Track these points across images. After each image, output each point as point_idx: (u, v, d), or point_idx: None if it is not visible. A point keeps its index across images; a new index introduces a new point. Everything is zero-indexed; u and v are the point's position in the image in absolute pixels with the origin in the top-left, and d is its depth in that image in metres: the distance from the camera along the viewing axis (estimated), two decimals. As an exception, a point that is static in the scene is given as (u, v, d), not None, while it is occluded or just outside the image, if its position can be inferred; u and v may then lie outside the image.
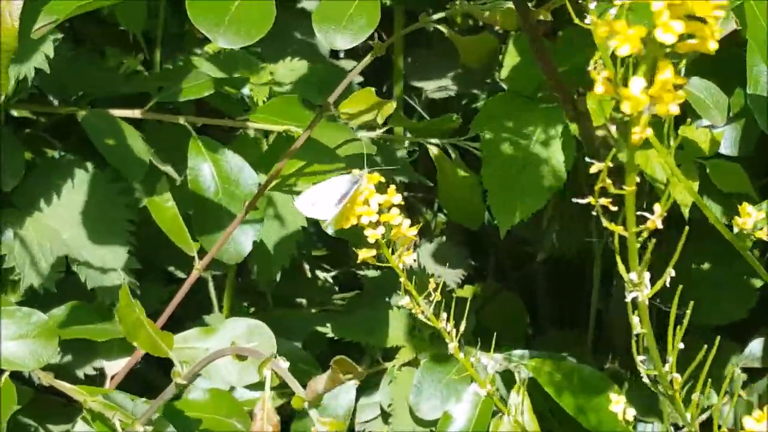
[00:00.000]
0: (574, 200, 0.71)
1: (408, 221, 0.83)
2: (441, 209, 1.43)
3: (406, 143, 1.33)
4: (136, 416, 0.90)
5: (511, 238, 1.36)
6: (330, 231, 0.94)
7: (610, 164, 0.66)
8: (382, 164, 1.14)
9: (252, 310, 1.30)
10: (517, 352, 1.11)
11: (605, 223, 0.69)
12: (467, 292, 1.36)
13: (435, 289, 0.84)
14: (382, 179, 0.84)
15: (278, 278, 1.16)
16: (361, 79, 1.25)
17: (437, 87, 1.37)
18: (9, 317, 0.96)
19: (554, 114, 1.07)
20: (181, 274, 1.25)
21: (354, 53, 1.50)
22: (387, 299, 1.23)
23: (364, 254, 0.83)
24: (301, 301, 1.34)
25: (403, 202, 0.82)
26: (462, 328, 0.87)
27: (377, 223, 0.82)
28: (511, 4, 0.97)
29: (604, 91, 0.61)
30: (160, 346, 0.90)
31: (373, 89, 1.02)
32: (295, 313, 1.28)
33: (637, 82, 0.59)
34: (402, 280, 0.84)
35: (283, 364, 0.79)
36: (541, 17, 0.93)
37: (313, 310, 1.28)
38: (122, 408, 0.92)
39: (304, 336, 1.21)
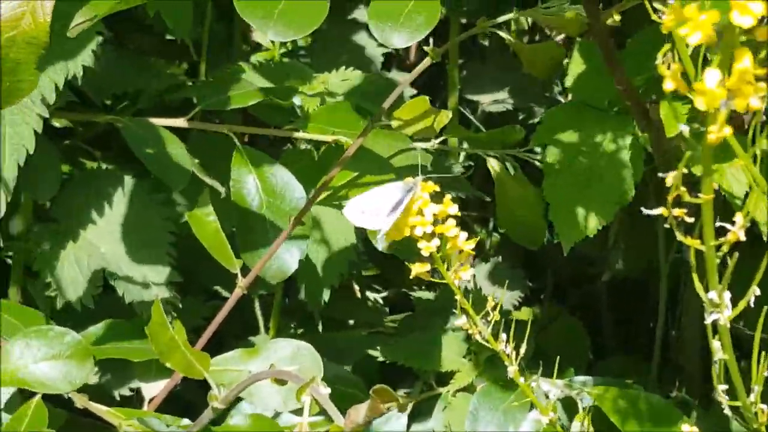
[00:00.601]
0: (644, 211, 0.65)
1: (465, 234, 0.77)
2: (496, 228, 1.39)
3: (462, 157, 1.28)
4: (172, 442, 0.85)
5: (571, 257, 1.32)
6: (380, 244, 0.89)
7: (684, 170, 0.60)
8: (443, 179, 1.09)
9: (300, 331, 1.25)
10: (580, 378, 1.05)
11: (680, 237, 0.62)
12: (525, 314, 1.32)
13: (494, 309, 0.78)
14: (437, 188, 0.78)
15: (327, 299, 1.11)
16: (413, 92, 1.20)
17: (493, 100, 1.34)
18: (41, 337, 0.92)
19: (623, 124, 1.02)
20: (226, 293, 1.21)
21: (406, 67, 1.47)
22: (441, 321, 1.18)
23: (417, 269, 0.78)
24: (351, 322, 1.29)
25: (459, 213, 0.76)
26: (522, 350, 0.81)
27: (432, 235, 0.77)
28: (575, 9, 0.92)
29: (675, 87, 0.55)
30: (196, 367, 0.85)
31: (427, 98, 0.97)
32: (344, 335, 1.24)
33: (711, 75, 0.52)
34: (458, 298, 0.79)
35: (324, 390, 0.73)
36: (611, 19, 0.87)
37: (364, 333, 1.24)
38: (158, 433, 0.86)
39: (354, 359, 1.18)
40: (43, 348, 0.92)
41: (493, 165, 1.06)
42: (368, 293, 1.35)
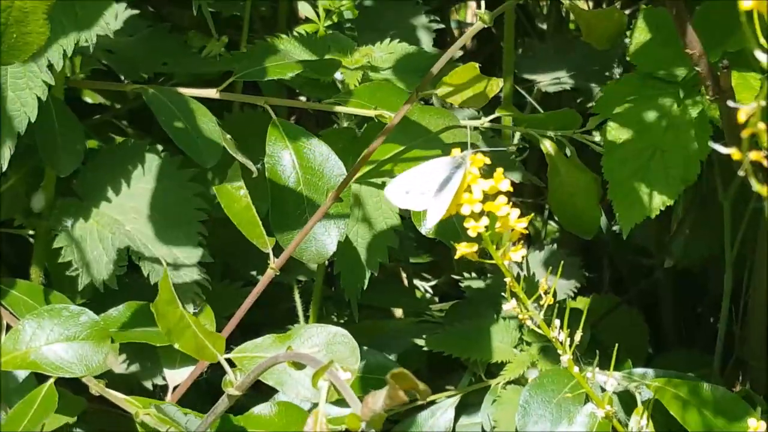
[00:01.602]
0: (711, 146, 0.56)
1: (517, 211, 0.71)
2: (552, 216, 1.33)
3: (516, 138, 1.22)
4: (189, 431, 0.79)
5: (630, 247, 1.26)
6: (426, 227, 0.81)
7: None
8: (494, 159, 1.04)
9: (341, 320, 1.20)
10: (639, 370, 1.01)
11: (756, 186, 0.53)
12: (581, 304, 1.26)
13: (546, 293, 0.72)
14: (488, 161, 0.71)
15: (365, 286, 1.05)
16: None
17: (550, 80, 1.29)
18: (55, 317, 0.87)
19: (689, 96, 0.96)
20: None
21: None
22: (491, 310, 1.13)
23: (463, 249, 0.72)
24: (399, 312, 1.25)
25: (511, 189, 0.70)
26: (577, 338, 0.74)
27: (480, 214, 0.71)
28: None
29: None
30: (208, 349, 0.79)
31: (477, 64, 0.90)
32: (389, 323, 1.19)
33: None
34: (508, 280, 0.74)
35: (343, 374, 0.67)
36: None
37: (410, 325, 1.19)
38: (175, 422, 0.80)
39: (399, 349, 1.13)
40: (56, 328, 0.87)
41: (547, 147, 0.99)
42: (416, 281, 1.30)
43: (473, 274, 1.22)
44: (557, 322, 0.76)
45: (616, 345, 0.90)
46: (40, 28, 0.72)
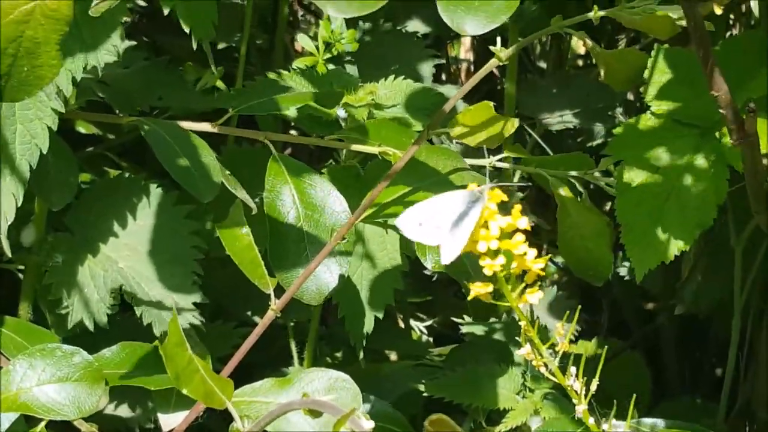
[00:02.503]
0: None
1: (534, 251, 0.69)
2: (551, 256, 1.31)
3: (516, 178, 1.19)
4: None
5: (632, 290, 1.24)
6: (438, 262, 0.78)
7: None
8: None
9: (335, 360, 1.19)
10: (647, 420, 0.98)
11: None
12: (582, 348, 1.24)
13: (563, 338, 0.69)
14: (506, 197, 0.68)
15: (371, 330, 1.03)
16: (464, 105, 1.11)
17: (553, 118, 1.28)
18: (47, 357, 0.83)
19: (707, 139, 0.94)
20: (258, 319, 1.11)
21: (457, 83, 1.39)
22: (492, 355, 1.11)
23: (477, 289, 0.69)
24: (392, 354, 1.23)
25: (529, 227, 0.67)
26: (593, 387, 0.71)
27: (497, 252, 0.68)
28: (665, 8, 0.82)
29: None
30: (217, 395, 0.76)
31: (491, 103, 0.87)
32: (386, 367, 1.17)
33: None
34: (523, 324, 0.71)
35: (366, 423, 0.65)
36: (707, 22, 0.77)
37: (407, 369, 1.16)
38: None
39: (396, 394, 1.11)
40: (48, 369, 0.84)
41: (559, 189, 0.95)
42: (411, 321, 1.28)
43: (472, 318, 1.19)
44: (573, 369, 0.73)
45: (618, 393, 0.85)
46: (53, 59, 0.68)
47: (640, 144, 0.94)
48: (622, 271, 1.26)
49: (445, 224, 0.70)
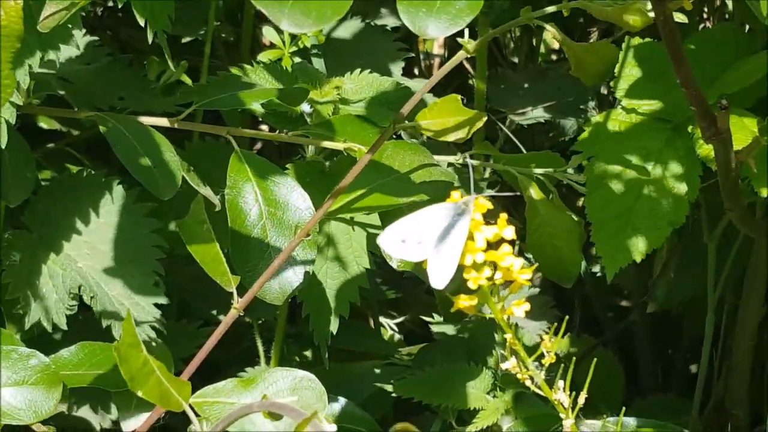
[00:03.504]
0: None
1: (520, 261, 0.67)
2: (521, 251, 1.29)
3: (486, 173, 1.17)
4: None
5: (604, 286, 1.22)
6: (434, 281, 0.74)
7: None
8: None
9: (303, 360, 1.18)
10: (624, 419, 0.96)
11: None
12: (554, 346, 1.20)
13: (549, 351, 0.68)
14: (491, 206, 0.66)
15: (335, 330, 1.01)
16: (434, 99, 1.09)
17: (524, 112, 1.25)
18: (3, 359, 0.82)
19: (678, 135, 0.93)
20: (224, 318, 1.09)
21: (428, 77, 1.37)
22: (462, 353, 1.10)
23: (462, 303, 0.68)
24: (362, 352, 1.19)
25: (515, 237, 0.66)
26: (581, 401, 0.72)
27: (482, 264, 0.66)
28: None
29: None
30: (173, 397, 0.74)
31: (459, 96, 0.84)
32: (353, 367, 1.15)
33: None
34: (508, 337, 0.69)
35: (328, 426, 0.64)
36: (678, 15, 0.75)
37: (376, 369, 1.14)
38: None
39: (364, 394, 1.10)
40: (5, 372, 0.82)
41: (528, 189, 0.93)
42: (381, 318, 1.27)
43: (442, 317, 1.18)
44: (561, 383, 0.71)
45: (594, 390, 0.81)
46: (6, 79, 0.66)
47: (610, 140, 0.93)
48: (594, 268, 1.25)
49: (428, 240, 0.68)
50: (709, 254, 1.06)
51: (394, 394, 1.06)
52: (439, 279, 0.66)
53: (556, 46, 1.46)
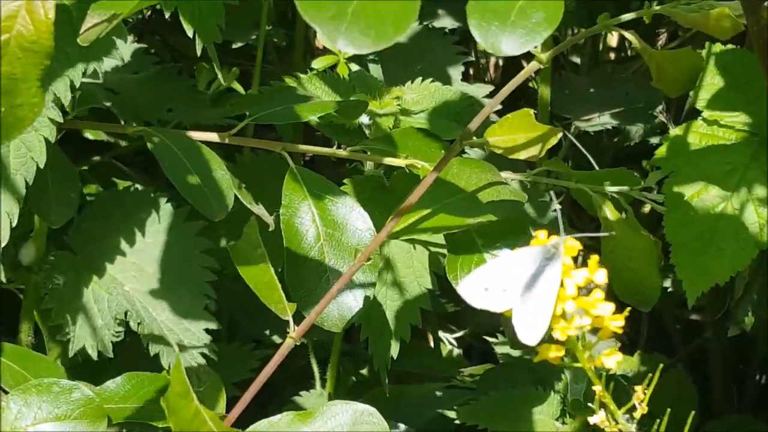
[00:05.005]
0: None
1: (611, 306, 0.61)
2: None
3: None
4: None
5: (674, 300, 1.17)
6: (525, 338, 0.68)
7: None
8: (537, 217, 0.92)
9: (360, 379, 1.14)
10: None
11: None
12: (622, 364, 1.17)
13: (642, 402, 0.64)
14: (580, 246, 0.62)
15: (395, 354, 0.96)
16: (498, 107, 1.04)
17: (590, 119, 1.21)
18: (44, 393, 0.77)
19: (765, 150, 0.87)
20: (278, 339, 1.09)
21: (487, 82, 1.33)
22: (529, 376, 1.05)
23: (548, 355, 0.63)
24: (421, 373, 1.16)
25: (607, 281, 0.61)
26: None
27: (572, 313, 0.62)
28: (724, 5, 0.74)
29: None
30: (227, 449, 0.68)
31: (531, 111, 0.79)
32: (414, 389, 1.11)
33: None
34: (597, 389, 0.65)
35: None
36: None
37: (437, 392, 1.10)
38: None
39: (424, 419, 1.07)
40: (45, 406, 0.77)
41: (604, 209, 0.88)
42: (440, 333, 1.22)
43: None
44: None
45: (665, 411, 0.77)
46: (33, 98, 0.61)
47: (690, 155, 0.87)
48: (666, 282, 1.19)
49: (514, 288, 0.63)
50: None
51: (457, 421, 1.01)
52: (529, 334, 0.61)
53: (614, 44, 1.41)
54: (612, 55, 1.40)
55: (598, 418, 0.65)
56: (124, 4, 0.69)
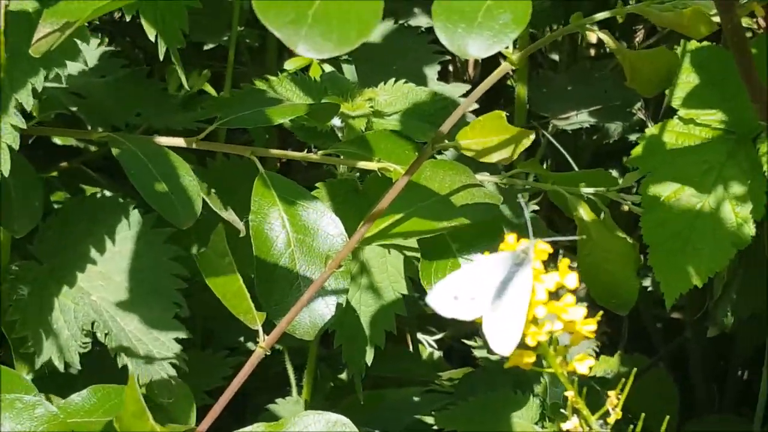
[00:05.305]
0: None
1: (583, 311, 0.60)
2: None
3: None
4: None
5: (653, 299, 1.17)
6: (498, 348, 0.66)
7: None
8: (514, 218, 0.90)
9: (338, 384, 1.13)
10: None
11: None
12: (605, 365, 1.19)
13: (615, 407, 0.63)
14: (550, 249, 0.61)
15: (369, 361, 0.94)
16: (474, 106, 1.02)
17: (568, 117, 1.20)
18: (7, 409, 0.76)
19: (742, 148, 0.85)
20: (252, 346, 1.07)
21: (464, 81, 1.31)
22: (508, 379, 1.03)
23: (519, 361, 0.61)
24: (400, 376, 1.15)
25: (578, 285, 0.60)
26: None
27: (543, 318, 0.60)
28: (698, 4, 0.72)
29: None
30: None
31: (504, 113, 0.77)
32: (391, 394, 1.09)
33: None
34: (570, 395, 0.63)
35: None
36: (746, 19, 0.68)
37: (415, 397, 1.08)
38: None
39: (402, 425, 1.06)
40: (7, 423, 0.76)
41: (580, 211, 0.86)
42: (419, 335, 1.21)
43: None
44: None
45: (646, 411, 0.76)
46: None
47: (666, 155, 0.86)
48: (645, 281, 1.18)
49: (484, 295, 0.61)
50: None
51: (435, 427, 1.00)
52: (501, 342, 0.59)
53: (594, 40, 1.39)
54: (592, 52, 1.39)
55: (571, 425, 0.64)
56: (78, 12, 0.67)
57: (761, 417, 1.09)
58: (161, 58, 0.83)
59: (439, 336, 1.23)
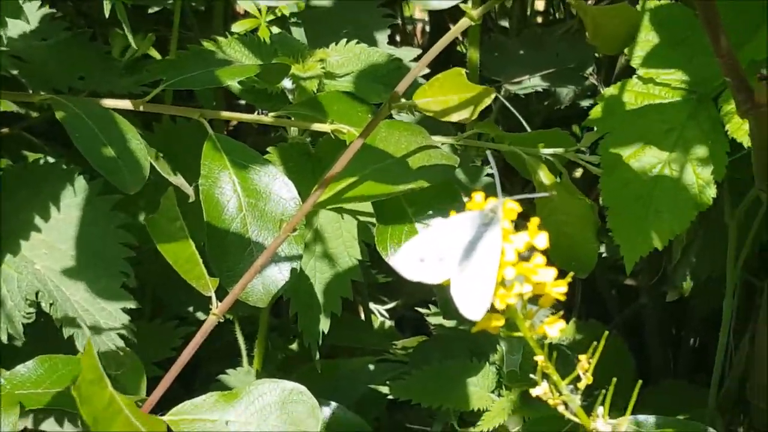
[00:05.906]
0: None
1: (553, 272, 0.58)
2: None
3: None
4: None
5: (608, 264, 1.16)
6: (468, 312, 0.64)
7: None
8: (469, 183, 0.89)
9: (289, 354, 1.10)
10: (640, 417, 0.87)
11: None
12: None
13: (586, 372, 0.61)
14: (519, 209, 0.58)
15: (326, 329, 0.92)
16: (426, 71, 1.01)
17: (520, 81, 1.19)
18: None
19: (703, 108, 0.84)
20: (202, 315, 1.05)
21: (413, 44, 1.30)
22: (463, 347, 1.02)
23: (488, 325, 0.59)
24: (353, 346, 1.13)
25: (548, 245, 0.57)
26: (624, 427, 0.65)
27: (513, 280, 0.58)
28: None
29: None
30: (145, 438, 0.64)
31: (463, 70, 0.75)
32: (345, 364, 1.07)
33: None
34: (540, 359, 0.61)
35: None
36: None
37: (369, 366, 1.07)
38: None
39: (356, 395, 1.04)
40: (-48, 396, 0.74)
41: (536, 170, 0.84)
42: (372, 305, 1.19)
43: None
44: (600, 410, 0.63)
45: (603, 379, 0.70)
46: None
47: (626, 115, 0.85)
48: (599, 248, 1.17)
49: (451, 256, 0.59)
50: (730, 234, 0.98)
51: (390, 396, 0.98)
52: (470, 306, 0.57)
53: (541, 7, 1.38)
54: (539, 20, 1.38)
55: (541, 390, 0.61)
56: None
57: (717, 382, 1.09)
58: (107, 15, 0.80)
59: (391, 305, 1.21)
